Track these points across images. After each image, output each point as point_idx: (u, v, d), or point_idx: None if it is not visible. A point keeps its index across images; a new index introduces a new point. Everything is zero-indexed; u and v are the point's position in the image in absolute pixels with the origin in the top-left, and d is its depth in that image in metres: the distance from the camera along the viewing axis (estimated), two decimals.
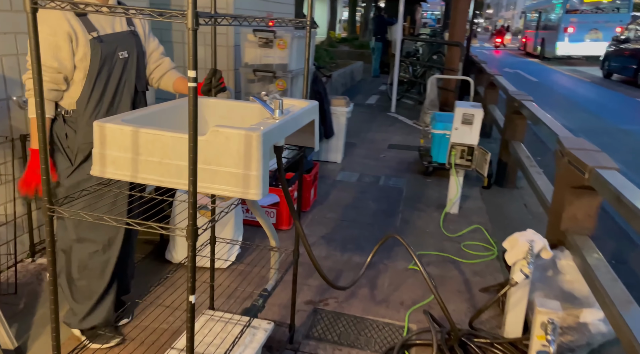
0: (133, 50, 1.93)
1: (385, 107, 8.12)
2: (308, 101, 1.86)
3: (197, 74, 1.09)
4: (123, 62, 1.91)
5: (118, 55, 1.88)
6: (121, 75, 1.91)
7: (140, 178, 1.44)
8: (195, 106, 1.11)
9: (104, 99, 1.89)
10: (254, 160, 1.37)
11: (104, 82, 1.86)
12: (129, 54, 1.92)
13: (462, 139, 3.51)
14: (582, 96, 10.94)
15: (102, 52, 1.82)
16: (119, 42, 1.88)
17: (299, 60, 4.08)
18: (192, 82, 1.08)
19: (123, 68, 1.91)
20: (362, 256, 2.97)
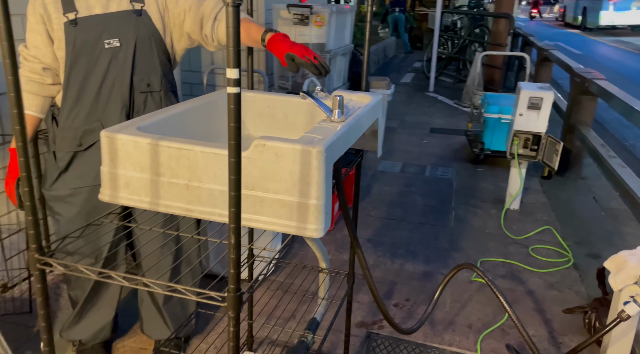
0: (130, 36, 1.47)
1: (422, 86, 7.60)
2: (369, 95, 1.47)
3: (240, 74, 0.72)
4: (110, 53, 1.46)
5: (103, 43, 1.45)
6: (107, 70, 1.47)
7: (162, 206, 1.10)
8: (237, 122, 0.75)
9: (82, 100, 1.49)
10: (313, 184, 1.01)
11: (80, 78, 1.46)
12: (122, 43, 1.47)
13: (528, 127, 3.06)
14: (635, 70, 10.11)
15: (76, 39, 1.41)
16: (105, 27, 1.44)
17: (337, 38, 3.67)
18: (234, 87, 0.72)
19: (110, 61, 1.47)
20: (415, 264, 2.61)
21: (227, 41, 0.69)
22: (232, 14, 0.68)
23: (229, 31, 0.69)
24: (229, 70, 0.71)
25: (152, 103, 1.57)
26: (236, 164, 0.77)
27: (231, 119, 0.74)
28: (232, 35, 0.69)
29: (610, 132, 5.53)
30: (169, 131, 1.25)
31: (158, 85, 1.56)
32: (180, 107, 1.34)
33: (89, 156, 1.56)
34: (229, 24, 0.68)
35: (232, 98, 0.72)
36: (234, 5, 0.68)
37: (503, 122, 3.90)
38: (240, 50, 0.73)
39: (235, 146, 0.76)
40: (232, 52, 0.70)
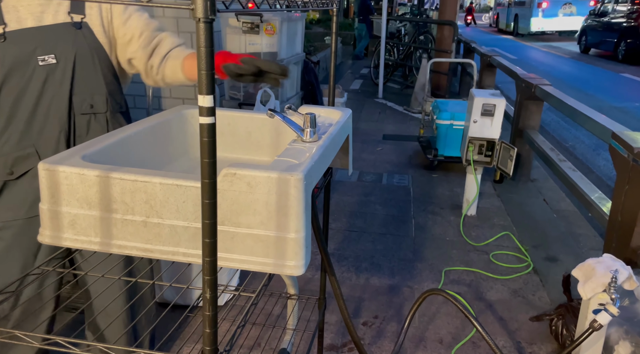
0: (68, 52, 1.29)
1: (371, 92, 7.66)
2: (338, 110, 1.39)
3: (215, 101, 0.61)
4: (45, 71, 1.28)
5: (37, 60, 1.27)
6: (42, 90, 1.29)
7: (115, 246, 0.96)
8: (212, 157, 0.64)
9: (13, 124, 1.30)
10: (292, 216, 0.90)
11: (11, 100, 1.27)
12: (59, 59, 1.29)
13: (482, 133, 3.10)
14: (565, 73, 10.74)
15: (5, 55, 1.24)
16: (39, 42, 1.26)
17: (289, 47, 3.57)
18: (207, 117, 0.60)
19: (45, 79, 1.29)
20: (381, 278, 2.55)
21: (199, 63, 0.58)
22: (204, 32, 0.57)
23: (200, 51, 0.57)
24: (202, 97, 0.59)
25: (96, 126, 1.39)
26: (210, 206, 0.65)
27: (205, 153, 0.62)
28: (205, 57, 0.57)
29: (551, 134, 5.79)
30: (119, 157, 1.10)
31: (103, 106, 1.38)
32: (130, 129, 1.19)
33: (22, 185, 1.37)
34: (201, 43, 0.57)
35: (205, 130, 0.61)
36: (206, 22, 0.57)
37: (455, 128, 3.96)
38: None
39: (209, 185, 0.64)
40: (204, 76, 0.58)
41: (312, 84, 4.15)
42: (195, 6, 0.56)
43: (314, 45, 10.19)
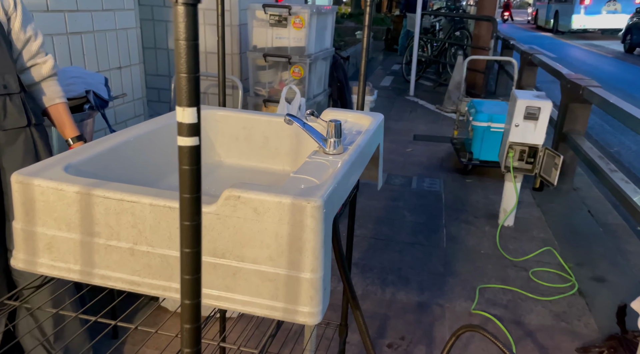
0: None
1: (402, 89, 7.41)
2: (369, 115, 1.20)
3: (198, 116, 0.44)
4: None
5: None
6: None
7: (97, 276, 0.81)
8: (196, 191, 0.47)
9: None
10: (308, 251, 0.73)
11: None
12: None
13: (524, 138, 2.85)
14: (608, 73, 10.19)
15: None
16: None
17: (318, 41, 3.39)
18: (189, 136, 0.44)
19: None
20: (409, 293, 2.36)
21: (178, 63, 0.41)
22: (185, 18, 0.40)
23: (180, 47, 0.40)
24: (182, 110, 0.42)
25: (13, 108, 1.31)
26: (194, 256, 0.48)
27: (185, 187, 0.45)
28: (187, 55, 0.41)
29: (594, 138, 5.43)
30: (111, 168, 0.95)
31: (16, 86, 1.31)
32: (125, 135, 1.04)
33: None
34: (180, 34, 0.40)
35: (186, 155, 0.44)
36: (188, 3, 0.40)
37: (493, 130, 3.70)
38: (198, 55, 0.41)
39: (192, 228, 0.47)
40: (185, 82, 0.41)
41: (341, 81, 3.96)
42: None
43: (344, 40, 9.98)
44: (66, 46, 2.47)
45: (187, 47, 0.41)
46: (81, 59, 2.59)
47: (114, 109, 2.90)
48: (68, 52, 2.49)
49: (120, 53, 2.92)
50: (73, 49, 2.53)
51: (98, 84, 1.96)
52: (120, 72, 2.94)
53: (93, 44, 2.67)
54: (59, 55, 2.42)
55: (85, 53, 2.62)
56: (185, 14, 0.40)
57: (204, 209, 0.73)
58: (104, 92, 1.97)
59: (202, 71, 3.73)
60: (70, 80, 1.86)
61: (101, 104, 1.95)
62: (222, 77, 1.36)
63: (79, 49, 2.56)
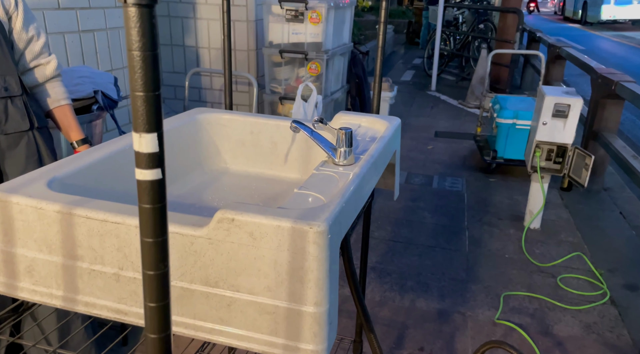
0: None
1: (423, 84, 7.24)
2: (385, 119, 1.11)
3: (160, 143, 0.35)
4: None
5: None
6: None
7: (81, 303, 0.74)
8: (160, 235, 0.38)
9: None
10: (310, 282, 0.65)
11: None
12: None
13: (552, 137, 2.70)
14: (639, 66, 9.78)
15: None
16: None
17: (336, 36, 3.29)
18: (149, 169, 0.35)
19: None
20: (429, 300, 2.25)
21: (132, 80, 0.33)
22: (140, 22, 0.32)
23: (133, 58, 0.32)
24: (138, 137, 0.34)
25: (14, 111, 1.26)
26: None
27: (146, 230, 0.37)
28: (144, 68, 0.32)
29: (625, 135, 5.19)
30: (102, 180, 0.88)
31: (18, 88, 1.26)
32: (119, 143, 0.97)
33: None
34: (132, 44, 0.32)
35: (146, 191, 0.36)
36: (141, 4, 0.32)
37: (518, 128, 3.55)
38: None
39: (157, 278, 0.39)
40: (142, 102, 0.33)
41: (360, 77, 3.85)
42: None
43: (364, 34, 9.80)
44: (78, 44, 2.43)
45: (142, 59, 0.32)
46: (94, 57, 2.55)
47: (128, 108, 2.86)
48: (80, 51, 2.46)
49: None
50: (85, 47, 2.49)
51: (107, 84, 1.91)
52: None
53: (106, 41, 2.62)
54: (70, 54, 2.39)
55: (98, 51, 2.57)
56: (138, 18, 0.31)
57: (193, 232, 0.66)
58: (113, 92, 1.92)
59: (218, 68, 3.67)
60: (78, 80, 1.81)
61: (110, 104, 1.89)
62: (228, 77, 1.28)
63: (91, 47, 2.52)
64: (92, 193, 0.83)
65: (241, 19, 3.50)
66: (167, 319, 0.40)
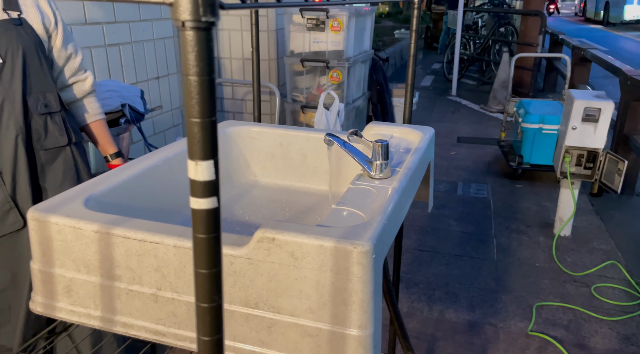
0: (14, 49, 1.19)
1: (443, 89, 7.17)
2: (418, 129, 1.08)
3: (216, 171, 0.34)
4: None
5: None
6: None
7: (119, 324, 0.73)
8: (215, 265, 0.37)
9: None
10: (355, 304, 0.62)
11: None
12: (5, 58, 1.18)
13: (582, 142, 2.63)
14: None
15: None
16: None
17: (357, 44, 3.28)
18: (204, 197, 0.34)
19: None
20: (458, 311, 2.20)
21: (187, 105, 0.31)
22: (196, 45, 0.30)
23: (189, 83, 0.31)
24: (194, 164, 0.33)
25: (53, 127, 1.28)
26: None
27: (201, 261, 0.35)
28: (199, 93, 0.31)
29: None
30: (136, 197, 0.87)
31: (57, 105, 1.28)
32: (156, 156, 0.96)
33: None
34: (189, 69, 0.30)
35: (200, 220, 0.34)
36: (197, 27, 0.30)
37: (545, 132, 3.47)
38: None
39: (212, 311, 0.37)
40: (199, 128, 0.32)
41: (381, 84, 3.83)
42: (176, 0, 0.29)
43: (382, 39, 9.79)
44: (104, 58, 2.47)
45: (198, 84, 0.31)
46: (119, 70, 2.59)
47: (152, 120, 2.89)
48: (106, 64, 2.49)
49: (158, 63, 2.91)
50: (111, 61, 2.52)
51: (134, 97, 1.92)
52: (158, 82, 2.93)
53: (131, 55, 2.66)
54: (97, 68, 2.42)
55: (124, 64, 2.61)
56: (195, 42, 0.30)
57: (233, 252, 0.64)
58: (139, 105, 1.93)
59: (239, 78, 3.69)
60: (106, 94, 1.83)
61: (137, 117, 1.91)
62: (257, 89, 1.27)
63: (117, 60, 2.56)
64: (127, 211, 0.82)
65: (262, 28, 3.52)
66: (221, 353, 0.39)
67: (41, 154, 1.28)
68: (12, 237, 1.27)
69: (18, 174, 1.23)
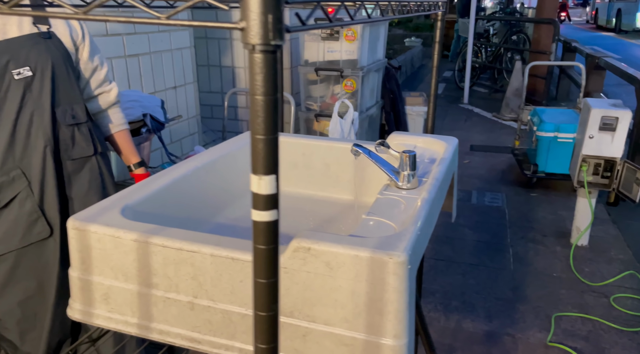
0: (44, 62, 1.22)
1: (455, 97, 7.16)
2: (442, 139, 1.10)
3: (277, 181, 0.36)
4: (22, 85, 1.20)
5: (12, 74, 1.18)
6: (21, 105, 1.20)
7: (155, 331, 0.74)
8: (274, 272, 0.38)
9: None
10: (390, 314, 0.63)
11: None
12: (36, 71, 1.21)
13: (599, 151, 2.62)
14: None
15: None
16: (11, 55, 1.18)
17: (371, 53, 3.30)
18: (265, 210, 0.35)
19: (24, 94, 1.20)
20: (475, 321, 2.19)
21: (252, 123, 0.33)
22: (263, 67, 0.32)
23: (256, 103, 0.32)
24: (257, 179, 0.34)
25: (80, 137, 1.31)
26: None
27: (260, 270, 0.37)
28: (264, 112, 0.32)
29: None
30: (168, 206, 0.89)
31: (84, 116, 1.31)
32: (186, 167, 0.98)
33: (10, 213, 1.24)
34: (257, 89, 0.32)
35: (261, 232, 0.36)
36: (266, 50, 0.32)
37: (560, 141, 3.46)
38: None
39: (268, 320, 0.39)
40: (264, 145, 0.33)
41: (394, 92, 3.84)
42: (247, 25, 0.31)
43: (393, 48, 9.82)
44: (124, 68, 2.52)
45: (265, 103, 0.32)
46: (138, 80, 2.63)
47: (169, 128, 2.92)
48: (126, 74, 2.54)
49: (175, 73, 2.96)
50: (131, 71, 2.57)
51: (155, 107, 1.96)
52: (175, 91, 2.98)
53: (149, 65, 2.70)
54: (117, 78, 2.47)
55: (142, 74, 2.66)
56: (263, 64, 0.32)
57: None
58: (160, 114, 1.97)
59: None
60: (128, 104, 1.86)
61: (158, 127, 1.94)
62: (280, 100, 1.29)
63: (136, 70, 2.61)
64: (160, 220, 0.84)
65: None
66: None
67: (68, 164, 1.31)
68: (39, 246, 1.29)
69: (46, 184, 1.26)
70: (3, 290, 1.26)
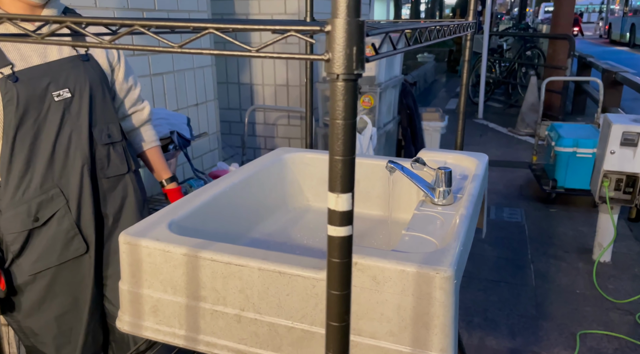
0: (82, 84, 1.26)
1: (470, 112, 7.16)
2: (472, 156, 1.11)
3: (352, 199, 0.38)
4: (62, 106, 1.24)
5: (52, 96, 1.22)
6: (60, 127, 1.24)
7: (202, 343, 0.76)
8: (347, 285, 0.41)
9: (33, 167, 1.23)
10: (436, 328, 0.65)
11: (28, 142, 1.21)
12: (74, 92, 1.25)
13: (621, 166, 2.60)
14: None
15: (18, 96, 1.17)
16: (52, 77, 1.22)
17: (388, 69, 3.34)
18: (341, 226, 0.38)
19: (63, 115, 1.24)
20: (499, 339, 2.17)
21: (331, 144, 0.35)
22: (345, 94, 0.35)
23: (336, 126, 0.35)
24: (335, 196, 0.37)
25: (115, 156, 1.36)
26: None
27: (334, 283, 0.39)
28: (344, 135, 0.35)
29: None
30: (208, 221, 0.92)
31: (119, 135, 1.36)
32: (224, 183, 1.01)
33: (49, 231, 1.28)
34: (337, 114, 0.35)
35: (337, 246, 0.38)
36: (348, 79, 0.35)
37: (579, 156, 3.44)
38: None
39: (341, 330, 0.41)
40: (342, 165, 0.36)
41: (410, 108, 3.87)
42: (333, 56, 0.34)
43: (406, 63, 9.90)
44: (149, 87, 2.58)
45: (344, 127, 0.35)
46: (162, 98, 2.69)
47: (191, 145, 2.98)
48: (151, 93, 2.60)
49: (197, 90, 3.02)
50: (155, 89, 2.63)
51: (181, 125, 2.01)
52: (197, 108, 3.04)
53: (173, 83, 2.77)
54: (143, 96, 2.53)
55: (166, 92, 2.72)
56: (345, 91, 0.34)
57: (315, 275, 0.68)
58: (186, 131, 2.01)
59: (270, 104, 3.79)
60: (156, 121, 1.91)
61: (184, 143, 1.99)
62: (309, 118, 1.32)
63: (160, 89, 2.67)
64: (202, 234, 0.87)
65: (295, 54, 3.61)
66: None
67: (103, 182, 1.35)
68: (75, 262, 1.33)
69: (83, 202, 1.30)
70: (41, 305, 1.29)
